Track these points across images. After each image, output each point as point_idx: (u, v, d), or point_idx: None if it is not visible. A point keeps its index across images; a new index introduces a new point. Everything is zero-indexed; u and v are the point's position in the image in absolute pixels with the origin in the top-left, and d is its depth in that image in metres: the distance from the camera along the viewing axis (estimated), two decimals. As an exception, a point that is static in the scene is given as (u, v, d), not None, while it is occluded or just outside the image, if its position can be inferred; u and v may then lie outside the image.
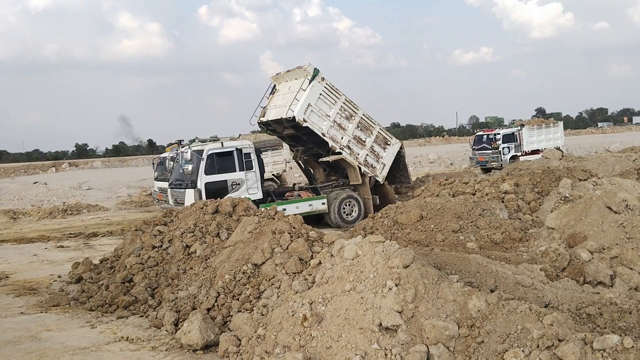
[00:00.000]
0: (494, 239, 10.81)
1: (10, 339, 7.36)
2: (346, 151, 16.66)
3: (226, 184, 14.88)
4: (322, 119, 16.15)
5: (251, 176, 15.27)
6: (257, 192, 15.29)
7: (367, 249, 6.30)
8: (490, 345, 5.03)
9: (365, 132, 17.12)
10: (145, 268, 9.39)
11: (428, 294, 5.61)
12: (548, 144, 32.22)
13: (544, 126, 32.62)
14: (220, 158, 14.99)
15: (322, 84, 16.10)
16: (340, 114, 16.49)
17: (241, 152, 15.22)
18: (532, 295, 6.36)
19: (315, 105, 15.96)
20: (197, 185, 14.48)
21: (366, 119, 17.12)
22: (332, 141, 16.33)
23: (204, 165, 14.60)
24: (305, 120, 15.75)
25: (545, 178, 14.46)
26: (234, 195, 14.30)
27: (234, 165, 15.12)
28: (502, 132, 31.68)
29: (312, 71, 15.91)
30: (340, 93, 16.50)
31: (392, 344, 5.28)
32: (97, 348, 6.85)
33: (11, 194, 31.90)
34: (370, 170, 17.34)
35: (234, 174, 15.06)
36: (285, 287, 7.00)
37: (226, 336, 6.41)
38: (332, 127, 16.35)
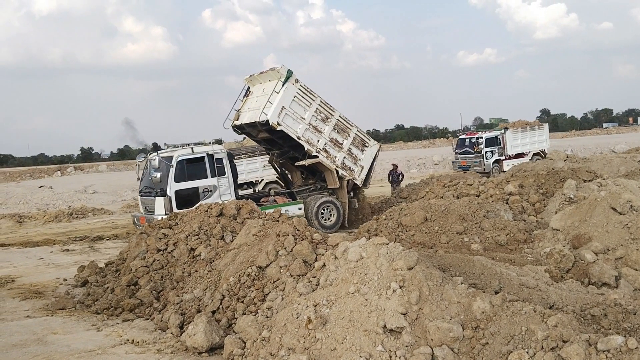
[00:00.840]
0: (498, 241, 10.80)
1: (16, 342, 7.41)
2: (322, 154, 16.25)
3: (197, 191, 14.44)
4: (297, 122, 15.74)
5: (224, 182, 14.85)
6: (230, 198, 14.64)
7: (371, 251, 6.31)
8: (494, 347, 5.02)
9: (342, 134, 16.71)
10: (151, 271, 9.42)
11: (432, 296, 5.61)
12: (533, 147, 31.56)
13: (528, 129, 31.68)
14: (191, 164, 14.54)
15: (296, 86, 15.69)
16: (315, 117, 16.08)
17: (212, 157, 14.79)
18: (537, 296, 6.35)
19: (290, 108, 15.56)
20: (167, 193, 14.07)
21: (343, 121, 16.72)
22: (307, 144, 15.95)
23: (174, 172, 14.16)
24: (279, 124, 15.36)
25: (550, 179, 14.42)
26: (206, 202, 13.75)
27: (205, 172, 14.67)
28: (484, 136, 30.84)
29: (285, 73, 15.49)
30: (315, 95, 16.11)
31: (396, 345, 5.29)
32: (103, 351, 6.88)
33: (17, 197, 32.05)
34: (348, 173, 16.90)
35: (206, 181, 14.63)
36: (290, 289, 7.02)
37: (231, 339, 6.43)
38: (308, 130, 15.95)
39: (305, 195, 16.83)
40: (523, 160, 29.49)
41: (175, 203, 13.96)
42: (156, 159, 14.34)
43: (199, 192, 14.41)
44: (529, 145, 31.47)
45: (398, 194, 18.69)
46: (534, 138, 31.75)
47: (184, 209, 13.34)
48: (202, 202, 13.51)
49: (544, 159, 30.42)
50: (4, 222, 22.31)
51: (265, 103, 15.40)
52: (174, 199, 14.01)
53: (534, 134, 31.69)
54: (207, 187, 14.52)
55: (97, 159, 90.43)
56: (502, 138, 30.62)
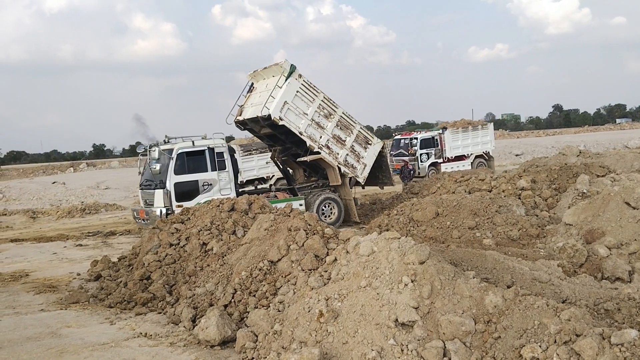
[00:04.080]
0: (510, 236, 10.76)
1: (31, 335, 7.48)
2: (325, 151, 16.11)
3: (197, 185, 14.37)
4: (300, 117, 15.61)
5: (224, 176, 14.74)
6: (230, 193, 14.66)
7: (382, 246, 6.30)
8: (507, 341, 5.01)
9: (345, 131, 16.52)
10: (163, 265, 9.48)
11: (444, 290, 5.60)
12: (475, 148, 29.11)
13: (470, 129, 29.03)
14: (191, 157, 14.46)
15: (299, 81, 15.55)
16: (318, 112, 15.94)
17: (213, 151, 14.66)
18: (550, 291, 6.33)
19: (292, 103, 15.44)
20: (166, 186, 13.99)
21: (346, 118, 16.55)
22: (310, 140, 15.80)
23: (174, 164, 14.09)
24: (281, 119, 15.24)
25: (563, 174, 14.35)
26: (205, 196, 14.06)
27: (205, 165, 14.57)
28: (419, 137, 28.42)
29: (288, 68, 15.35)
30: (318, 90, 15.98)
31: (408, 339, 5.29)
32: (116, 344, 6.94)
33: (30, 193, 32.37)
34: (350, 170, 16.73)
35: (206, 174, 14.53)
36: (301, 283, 7.03)
37: (243, 332, 6.46)
38: (310, 126, 15.81)
39: (307, 192, 16.73)
40: (464, 163, 28.13)
41: (174, 196, 13.92)
42: (156, 150, 14.27)
43: (198, 185, 14.34)
44: (471, 146, 29.03)
45: (409, 190, 18.61)
46: (477, 139, 29.18)
47: (183, 202, 13.75)
48: (201, 196, 14.07)
49: (488, 161, 29.00)
50: (18, 218, 22.55)
51: (268, 97, 15.32)
52: (173, 191, 13.95)
53: (476, 134, 29.13)
54: (207, 181, 14.46)
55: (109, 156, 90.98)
56: (440, 139, 28.29)
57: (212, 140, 14.91)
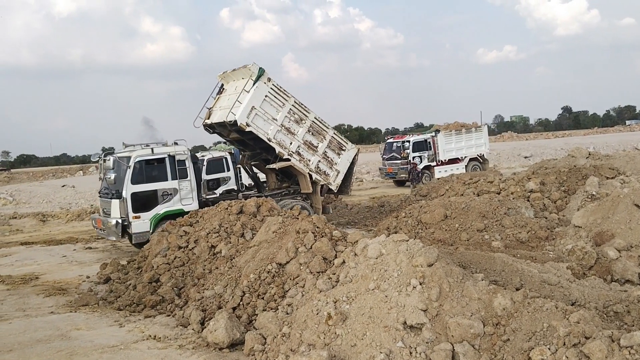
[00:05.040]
0: (519, 238, 10.73)
1: (41, 337, 7.53)
2: (295, 157, 15.46)
3: (156, 194, 13.59)
4: (268, 122, 14.97)
5: (185, 185, 13.95)
6: (192, 203, 13.98)
7: (390, 248, 6.31)
8: (516, 343, 5.00)
9: (317, 136, 15.87)
10: (172, 268, 9.52)
11: (453, 292, 5.60)
12: (469, 151, 28.46)
13: (463, 131, 28.46)
14: (150, 165, 13.70)
15: (268, 85, 14.91)
16: (289, 118, 15.29)
17: (174, 159, 13.85)
18: (559, 293, 6.30)
19: (260, 108, 14.79)
20: (123, 195, 13.26)
21: (318, 123, 15.86)
22: (279, 147, 15.17)
23: (131, 173, 13.29)
24: (248, 125, 14.61)
25: (572, 176, 14.28)
26: (165, 207, 13.57)
27: (165, 174, 13.76)
28: (412, 139, 27.85)
29: (257, 71, 14.70)
30: (288, 95, 15.32)
31: (416, 342, 5.28)
32: (126, 346, 6.97)
33: (40, 197, 32.59)
34: (322, 177, 16.05)
35: (166, 183, 13.74)
36: (310, 286, 7.04)
37: (252, 334, 6.47)
38: (280, 132, 15.16)
39: (277, 199, 15.63)
40: (458, 166, 27.54)
41: (131, 206, 13.25)
42: (110, 159, 13.82)
43: (157, 195, 13.61)
44: (465, 149, 28.39)
45: (417, 192, 18.54)
46: (471, 142, 28.57)
47: (141, 212, 13.27)
48: (160, 206, 13.48)
49: (483, 164, 28.49)
50: (28, 221, 22.68)
51: (234, 102, 14.76)
52: (129, 201, 13.25)
53: (470, 137, 28.59)
54: (167, 190, 13.72)
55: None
56: (433, 142, 27.67)
57: (173, 148, 14.15)
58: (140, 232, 13.26)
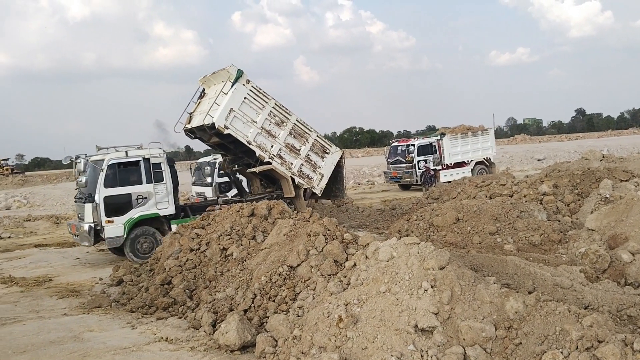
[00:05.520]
0: (532, 241, 10.67)
1: (54, 339, 7.59)
2: (276, 160, 15.20)
3: (130, 198, 13.28)
4: (248, 125, 14.75)
5: (161, 189, 13.61)
6: (167, 207, 13.69)
7: (402, 251, 6.29)
8: (528, 347, 4.97)
9: (299, 139, 15.62)
10: (184, 270, 9.56)
11: (464, 296, 5.57)
12: (476, 155, 27.97)
13: (470, 134, 27.89)
14: (124, 169, 13.36)
15: (247, 87, 14.74)
16: (269, 120, 15.07)
17: (149, 162, 13.51)
18: (572, 296, 6.25)
19: (239, 110, 14.60)
20: (95, 199, 12.95)
21: (301, 126, 15.62)
22: (259, 150, 14.92)
23: (104, 177, 12.98)
24: (226, 127, 14.40)
25: (585, 179, 14.16)
26: (139, 211, 13.32)
27: (140, 177, 13.46)
28: (416, 143, 27.50)
29: (235, 73, 14.54)
30: (269, 97, 15.09)
31: (428, 345, 5.27)
32: (138, 348, 7.00)
33: (54, 199, 32.85)
34: (305, 181, 15.78)
35: (140, 187, 13.41)
36: (321, 288, 7.04)
37: (263, 337, 6.48)
38: (260, 135, 14.94)
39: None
40: (464, 170, 27.06)
41: (103, 210, 12.94)
42: (81, 162, 13.61)
43: (131, 198, 13.31)
44: (471, 152, 27.89)
45: (429, 195, 18.47)
46: (477, 145, 28.10)
47: (114, 216, 13.01)
48: (134, 210, 13.22)
49: (489, 167, 28.08)
50: (42, 224, 22.87)
51: (212, 105, 14.63)
52: (102, 205, 12.94)
53: (476, 140, 28.08)
54: (141, 194, 13.40)
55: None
56: (438, 145, 27.30)
57: (148, 150, 13.78)
58: (113, 237, 13.02)
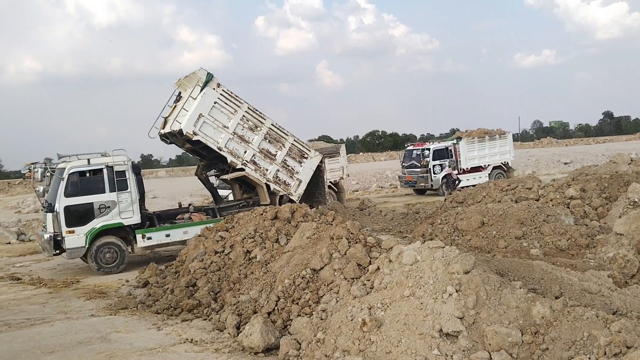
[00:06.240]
0: (559, 246, 10.53)
1: (81, 339, 7.72)
2: (250, 167, 14.74)
3: (92, 207, 12.84)
4: (219, 131, 14.30)
5: (125, 197, 13.18)
6: (132, 216, 13.28)
7: (426, 255, 6.26)
8: (555, 353, 4.90)
9: (275, 144, 15.15)
10: (208, 273, 9.64)
11: (490, 300, 5.52)
12: (493, 159, 27.46)
13: (487, 138, 27.36)
14: (86, 177, 12.97)
15: (217, 91, 14.27)
16: (242, 125, 14.60)
17: (112, 170, 13.07)
18: (599, 302, 6.15)
19: (209, 115, 14.16)
20: (55, 209, 12.59)
21: (276, 130, 15.14)
22: (231, 156, 14.48)
23: (64, 185, 12.60)
24: (195, 133, 13.98)
25: (614, 183, 13.93)
26: (102, 220, 12.90)
27: (103, 186, 13.00)
28: (432, 147, 26.81)
29: (204, 77, 14.08)
30: (241, 101, 14.62)
31: (453, 350, 5.23)
32: (163, 349, 7.08)
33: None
34: (282, 187, 15.31)
35: (103, 196, 12.96)
36: (344, 292, 7.04)
37: (287, 339, 6.50)
38: (232, 140, 14.48)
39: (235, 212, 14.76)
40: (481, 175, 26.71)
41: (64, 220, 12.57)
42: (38, 171, 13.18)
43: (93, 208, 12.86)
44: (488, 157, 27.40)
45: (454, 199, 18.31)
46: (495, 149, 27.57)
47: (75, 226, 12.66)
48: (97, 220, 12.80)
49: (507, 172, 27.49)
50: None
51: (180, 110, 14.21)
52: (62, 215, 12.57)
53: (494, 144, 27.55)
54: (104, 203, 12.96)
55: (157, 166, 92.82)
56: (454, 149, 26.73)
57: (111, 158, 13.28)
58: (74, 248, 12.71)
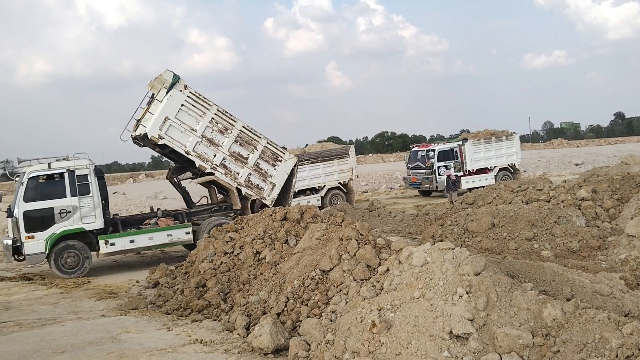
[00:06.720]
0: (570, 247, 10.46)
1: (92, 339, 7.74)
2: (220, 170, 14.34)
3: (52, 212, 12.54)
4: (186, 134, 13.91)
5: (87, 202, 12.81)
6: (94, 221, 12.92)
7: (436, 256, 6.23)
8: (566, 355, 4.86)
9: (247, 147, 14.68)
10: (218, 273, 9.66)
11: (500, 302, 5.49)
12: (499, 161, 27.09)
13: (493, 140, 26.96)
14: (46, 182, 12.73)
15: (184, 93, 13.88)
16: (211, 128, 14.19)
17: (74, 174, 12.73)
18: (611, 304, 6.10)
19: (176, 118, 13.77)
20: (14, 214, 12.38)
21: (248, 132, 14.68)
22: (199, 160, 14.10)
23: (24, 190, 12.35)
24: (161, 137, 13.64)
25: (625, 184, 13.84)
26: (62, 226, 12.60)
27: (63, 190, 12.66)
28: (437, 148, 26.52)
29: (170, 78, 13.72)
30: (210, 103, 14.24)
31: (463, 352, 5.20)
32: (173, 350, 7.09)
33: (92, 203, 33.48)
34: (254, 191, 14.85)
35: (64, 200, 12.64)
36: (354, 293, 7.02)
37: (296, 341, 6.50)
38: (201, 143, 14.09)
39: (206, 216, 14.72)
40: (487, 176, 26.42)
41: (23, 225, 12.31)
42: None
43: (54, 213, 12.56)
44: (495, 159, 27.00)
45: (463, 200, 18.23)
46: (501, 150, 27.19)
47: (35, 232, 12.41)
48: (57, 225, 12.52)
49: (514, 174, 27.17)
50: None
51: (144, 113, 13.94)
52: (22, 220, 12.32)
53: (500, 145, 27.17)
54: (65, 208, 12.64)
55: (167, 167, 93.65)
56: (460, 151, 26.34)
57: (73, 162, 12.96)
58: (34, 254, 12.42)
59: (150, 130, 13.58)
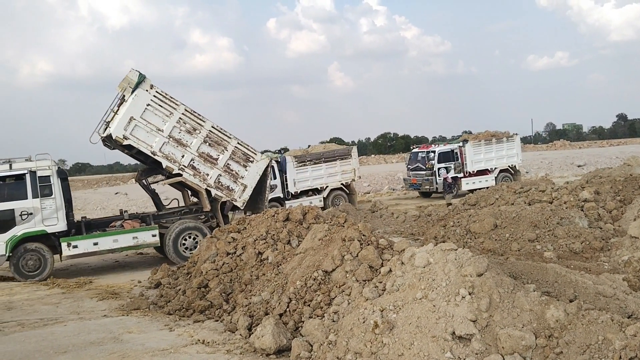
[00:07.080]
0: (573, 249, 10.44)
1: (94, 340, 7.75)
2: (188, 172, 14.07)
3: (13, 214, 12.35)
4: (153, 134, 13.66)
5: (49, 204, 12.64)
6: (57, 223, 12.75)
7: (439, 257, 6.22)
8: (569, 356, 4.85)
9: (216, 148, 14.39)
10: (220, 274, 9.66)
11: (503, 303, 5.48)
12: (500, 162, 27.12)
13: (494, 141, 27.01)
14: (7, 183, 12.54)
15: (150, 93, 13.62)
16: (178, 128, 13.91)
17: (35, 175, 12.57)
18: (614, 305, 6.08)
19: (142, 118, 13.53)
20: None
21: (217, 132, 14.40)
22: (166, 161, 13.85)
23: None
24: (126, 138, 13.39)
25: (628, 185, 13.81)
26: (23, 228, 12.45)
27: (25, 192, 12.50)
28: (437, 150, 26.62)
29: (135, 78, 13.46)
30: (177, 102, 13.97)
31: (465, 353, 5.19)
32: (175, 350, 7.10)
33: (95, 203, 33.61)
34: (225, 193, 14.55)
35: (25, 202, 12.47)
36: (356, 294, 7.02)
37: (298, 341, 6.49)
38: (168, 144, 13.82)
39: (176, 219, 14.52)
40: (487, 178, 26.43)
41: None
42: None
43: (14, 215, 12.38)
44: (495, 160, 27.03)
45: (466, 201, 18.19)
46: (502, 152, 27.23)
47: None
48: (18, 227, 12.37)
49: (514, 175, 27.18)
50: (83, 227, 23.38)
51: (108, 113, 13.80)
52: None
53: (501, 147, 27.21)
54: (26, 210, 12.46)
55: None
56: (460, 152, 26.43)
57: (34, 163, 12.76)
58: None
59: (114, 130, 13.38)
